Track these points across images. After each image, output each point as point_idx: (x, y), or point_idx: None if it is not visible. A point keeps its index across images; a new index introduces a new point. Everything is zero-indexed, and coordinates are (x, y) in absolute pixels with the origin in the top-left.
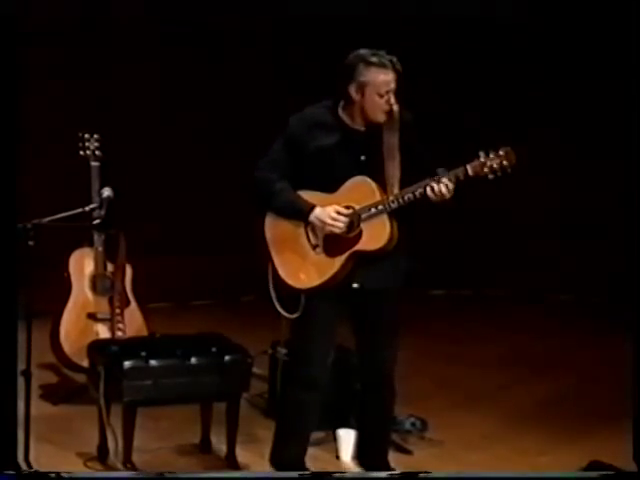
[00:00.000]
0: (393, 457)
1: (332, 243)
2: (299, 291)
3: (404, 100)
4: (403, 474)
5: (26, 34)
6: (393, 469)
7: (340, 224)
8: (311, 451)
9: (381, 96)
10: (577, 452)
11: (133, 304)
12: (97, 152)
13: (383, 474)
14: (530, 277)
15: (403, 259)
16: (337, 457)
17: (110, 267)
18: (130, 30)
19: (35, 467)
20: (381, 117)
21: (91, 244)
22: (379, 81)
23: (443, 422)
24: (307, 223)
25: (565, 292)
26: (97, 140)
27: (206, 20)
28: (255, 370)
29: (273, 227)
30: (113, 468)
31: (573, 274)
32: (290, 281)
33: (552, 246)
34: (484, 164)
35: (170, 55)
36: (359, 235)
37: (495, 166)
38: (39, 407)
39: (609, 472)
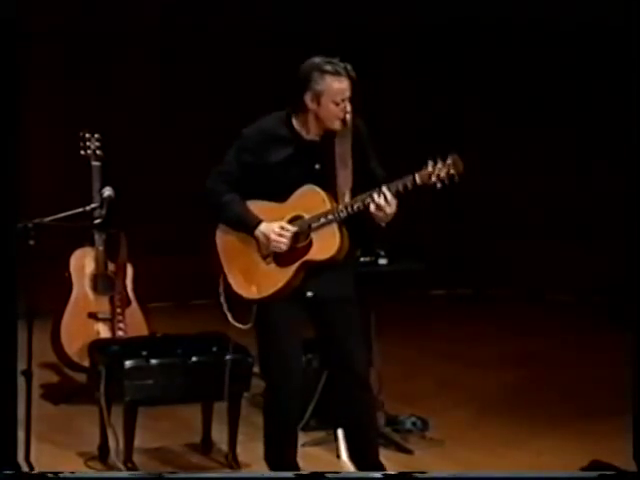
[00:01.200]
0: (394, 456)
1: (282, 253)
2: (250, 301)
3: (357, 108)
4: (398, 474)
5: (26, 34)
6: (386, 469)
7: (284, 240)
8: (311, 450)
9: (337, 104)
10: (577, 451)
11: (134, 303)
12: (98, 152)
13: (378, 474)
14: (530, 277)
15: (352, 269)
16: (337, 457)
17: (111, 266)
18: (130, 30)
19: (36, 467)
20: (337, 125)
21: (92, 244)
22: (334, 89)
23: (444, 421)
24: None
25: (565, 292)
26: (98, 140)
27: (206, 20)
28: (256, 369)
29: (224, 237)
30: (114, 468)
31: (573, 274)
32: (241, 292)
33: (552, 246)
34: (432, 173)
35: (170, 55)
36: (309, 245)
37: (442, 175)
38: (40, 407)
39: (609, 472)
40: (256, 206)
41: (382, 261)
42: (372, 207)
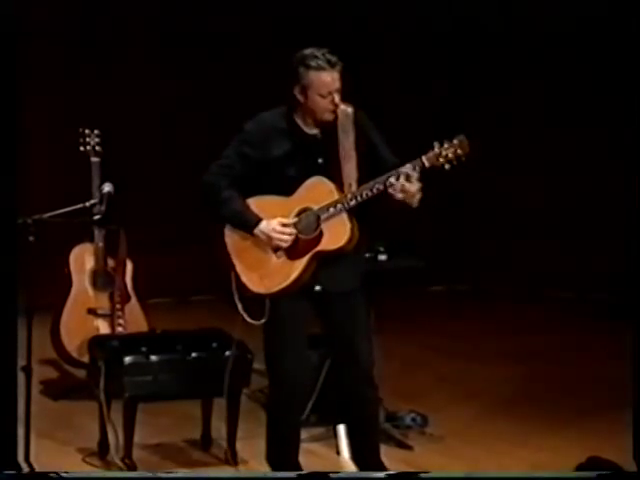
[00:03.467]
0: (393, 453)
1: (293, 246)
2: (263, 296)
3: (355, 100)
4: (401, 474)
5: (26, 34)
6: (386, 467)
7: (285, 237)
8: (311, 447)
9: (323, 97)
10: (577, 448)
11: (133, 300)
12: (97, 148)
13: (382, 474)
14: (530, 274)
15: (363, 259)
16: (337, 453)
17: (110, 263)
18: (130, 30)
19: (35, 463)
20: (328, 116)
21: (91, 240)
22: (318, 83)
23: (443, 417)
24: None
25: (565, 289)
26: (97, 136)
27: (206, 20)
28: (255, 366)
29: (232, 234)
30: (113, 464)
31: (573, 271)
32: (253, 287)
33: (552, 245)
34: (439, 154)
35: (170, 55)
36: (320, 236)
37: (450, 156)
38: (39, 403)
39: (608, 472)
40: (262, 201)
41: (382, 257)
42: (390, 188)
